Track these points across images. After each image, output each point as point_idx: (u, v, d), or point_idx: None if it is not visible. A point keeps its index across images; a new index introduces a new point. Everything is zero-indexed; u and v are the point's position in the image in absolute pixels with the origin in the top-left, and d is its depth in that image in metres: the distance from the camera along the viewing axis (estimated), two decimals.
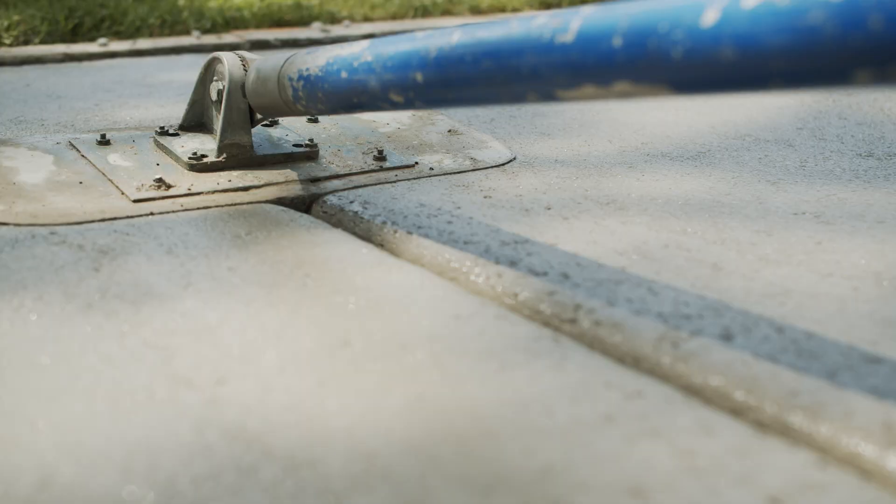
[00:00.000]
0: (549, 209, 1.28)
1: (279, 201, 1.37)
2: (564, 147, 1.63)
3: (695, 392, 0.83)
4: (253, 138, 1.51)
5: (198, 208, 1.31)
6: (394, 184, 1.44)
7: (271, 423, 0.76)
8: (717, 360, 0.86)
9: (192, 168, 1.44)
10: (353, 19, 3.49)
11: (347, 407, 0.79)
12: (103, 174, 1.43)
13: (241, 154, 1.47)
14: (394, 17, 3.62)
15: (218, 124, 1.47)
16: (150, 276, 1.05)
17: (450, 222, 1.21)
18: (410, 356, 0.87)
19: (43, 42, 2.77)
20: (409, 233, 1.18)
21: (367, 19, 3.52)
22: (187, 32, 3.07)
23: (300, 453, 0.72)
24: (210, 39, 2.95)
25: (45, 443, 0.73)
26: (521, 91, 0.92)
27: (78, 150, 1.56)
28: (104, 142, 1.57)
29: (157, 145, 1.56)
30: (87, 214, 1.27)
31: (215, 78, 1.52)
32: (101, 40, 2.76)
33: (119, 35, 2.92)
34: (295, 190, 1.41)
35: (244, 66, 1.45)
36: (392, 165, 1.52)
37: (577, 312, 0.97)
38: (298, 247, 1.14)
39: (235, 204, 1.33)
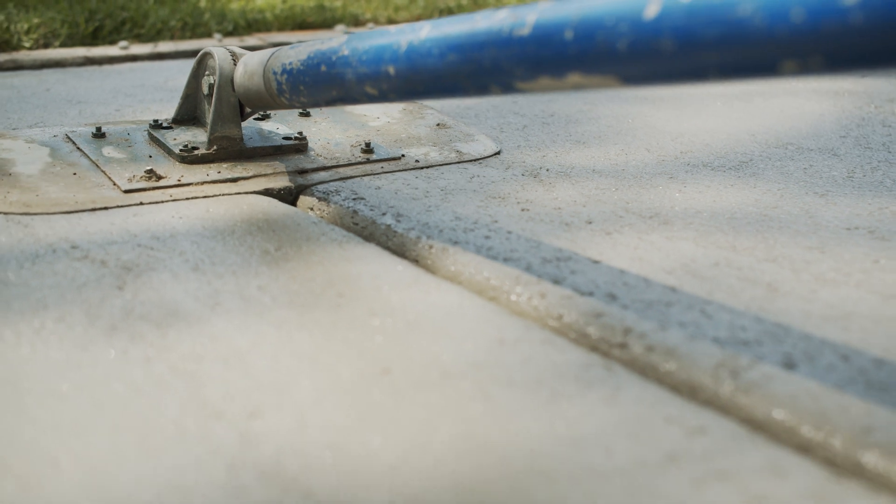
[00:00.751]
0: (590, 223, 1.23)
1: (266, 192, 1.41)
2: (601, 156, 1.57)
3: (759, 427, 0.77)
4: (244, 131, 1.56)
5: (186, 198, 1.34)
6: (379, 175, 1.49)
7: (310, 461, 0.71)
8: (781, 391, 0.80)
9: (183, 160, 1.48)
10: (376, 21, 3.44)
11: (391, 444, 0.73)
12: (97, 165, 1.47)
13: (231, 146, 1.51)
14: (418, 18, 3.57)
15: (209, 117, 1.51)
16: (175, 294, 1.00)
17: (487, 237, 1.16)
18: (455, 386, 0.82)
19: (63, 45, 2.73)
20: (446, 248, 1.13)
21: (391, 21, 3.47)
22: (209, 35, 3.02)
23: (342, 496, 0.67)
24: (232, 42, 2.90)
25: (69, 483, 0.68)
26: (485, 83, 0.96)
27: (74, 142, 1.59)
28: (99, 134, 1.61)
29: (150, 138, 1.60)
30: (79, 204, 1.31)
31: (207, 73, 1.56)
32: (122, 43, 2.71)
33: (140, 38, 2.88)
34: (282, 181, 1.45)
35: (234, 60, 1.49)
36: (379, 158, 1.56)
37: (628, 337, 0.91)
38: (330, 263, 1.09)
39: (224, 194, 1.37)
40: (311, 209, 1.38)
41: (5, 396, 0.79)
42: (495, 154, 1.63)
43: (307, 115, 1.82)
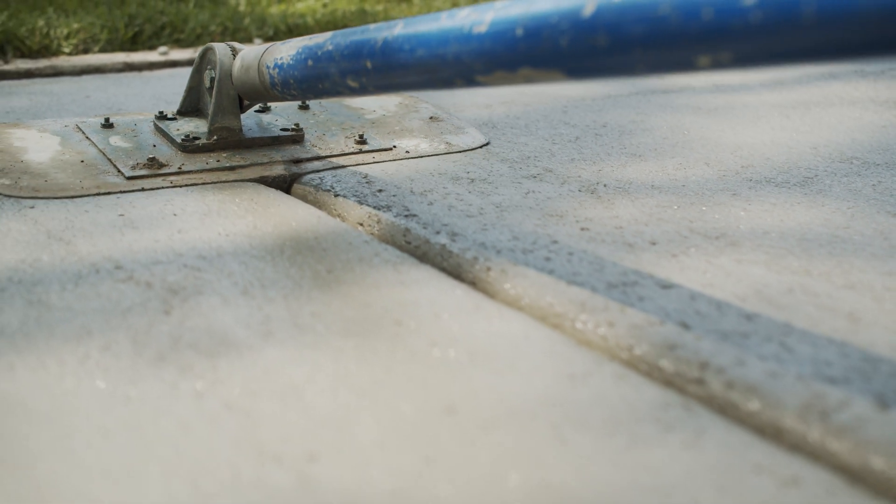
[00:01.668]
0: (654, 244, 1.17)
1: (262, 180, 1.51)
2: (659, 171, 1.52)
3: (856, 477, 0.72)
4: (244, 122, 1.67)
5: (185, 185, 1.44)
6: (370, 164, 1.59)
7: None
8: (877, 435, 0.74)
9: (185, 149, 1.58)
10: None
11: (460, 492, 0.68)
12: (104, 154, 1.56)
13: (230, 137, 1.60)
14: None
15: (210, 109, 1.60)
16: (225, 320, 0.95)
17: (548, 259, 1.11)
18: (525, 426, 0.77)
19: (102, 51, 2.70)
20: (505, 271, 1.08)
21: None
22: (249, 40, 2.99)
23: None
24: None
25: None
26: (450, 76, 1.03)
27: (83, 132, 1.69)
28: (108, 125, 1.71)
29: (155, 129, 1.70)
30: (85, 189, 1.40)
31: (209, 67, 1.64)
32: (162, 49, 2.68)
33: (179, 43, 2.85)
34: (277, 170, 1.54)
35: (233, 55, 1.57)
36: (371, 149, 1.66)
37: (705, 372, 0.86)
38: (386, 287, 1.04)
39: (221, 182, 1.46)
40: (305, 197, 1.46)
41: (51, 436, 0.75)
42: (483, 146, 1.72)
43: (306, 107, 1.90)
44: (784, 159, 1.59)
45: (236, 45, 1.60)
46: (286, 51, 1.37)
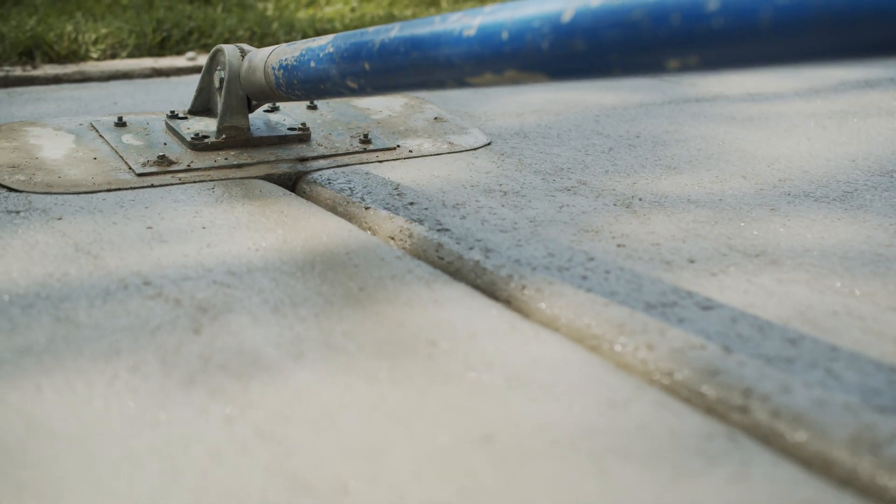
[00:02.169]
0: (692, 262, 1.14)
1: (268, 177, 1.55)
2: (695, 184, 1.49)
3: None
4: (253, 122, 1.72)
5: (193, 181, 1.49)
6: (374, 164, 1.63)
7: None
8: None
9: (194, 147, 1.62)
10: None
11: None
12: (116, 151, 1.61)
13: (238, 135, 1.64)
14: None
15: (219, 109, 1.65)
16: (256, 340, 0.93)
17: (584, 277, 1.08)
18: (565, 457, 0.74)
19: (130, 56, 2.69)
20: (540, 290, 1.05)
21: None
22: (277, 45, 2.97)
23: None
24: None
25: None
26: (441, 78, 1.08)
27: (97, 130, 1.74)
28: (121, 124, 1.76)
29: (167, 127, 1.75)
30: (96, 185, 1.45)
31: (218, 68, 1.68)
32: (189, 54, 2.67)
33: (207, 48, 2.84)
34: (283, 168, 1.59)
35: (242, 56, 1.62)
36: (375, 148, 1.70)
37: (749, 399, 0.83)
38: (419, 305, 1.01)
39: (228, 179, 1.51)
40: (305, 194, 1.53)
41: (77, 462, 0.73)
42: (485, 146, 1.76)
43: (314, 108, 1.95)
44: (822, 172, 1.56)
45: (245, 46, 1.64)
46: (290, 52, 1.41)
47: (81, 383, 0.84)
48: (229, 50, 1.63)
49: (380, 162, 1.64)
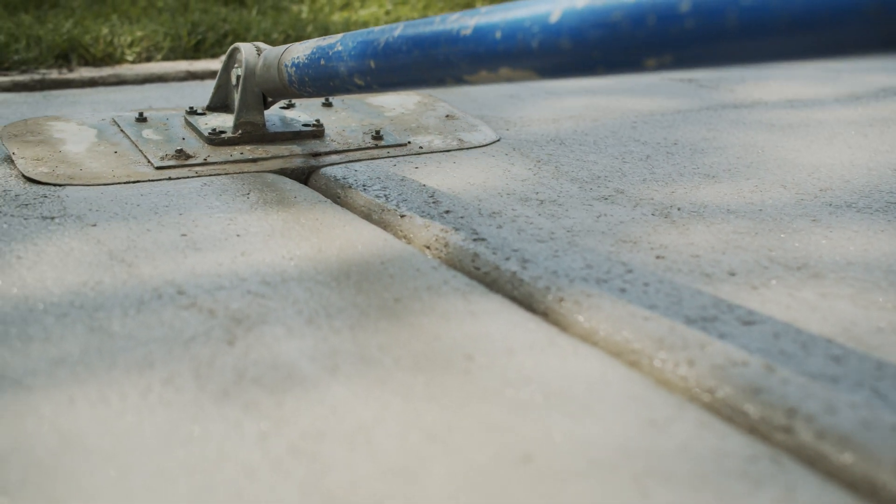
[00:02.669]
0: (732, 275, 1.12)
1: (281, 172, 1.61)
2: (734, 193, 1.47)
3: None
4: (268, 118, 1.78)
5: (209, 175, 1.55)
6: (389, 160, 1.69)
7: None
8: None
9: (211, 142, 1.68)
10: None
11: None
12: (136, 146, 1.68)
13: (254, 131, 1.70)
14: None
15: (235, 105, 1.70)
16: (290, 353, 0.92)
17: (623, 290, 1.07)
18: (606, 479, 0.73)
19: (165, 58, 2.69)
20: (578, 302, 1.04)
21: None
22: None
23: None
24: None
25: None
26: (441, 75, 1.13)
27: (118, 125, 1.81)
28: (141, 119, 1.82)
29: (185, 123, 1.81)
30: (116, 178, 1.52)
31: (235, 65, 1.74)
32: (224, 57, 2.67)
33: None
34: (296, 162, 1.65)
35: (258, 54, 1.67)
36: (387, 144, 1.76)
37: (793, 419, 0.81)
38: (455, 318, 1.00)
39: (243, 172, 1.58)
40: (322, 189, 1.57)
41: (109, 477, 0.72)
42: (494, 142, 1.83)
43: (329, 105, 2.01)
44: (864, 182, 1.54)
45: (261, 45, 1.70)
46: (302, 50, 1.47)
47: (115, 396, 0.84)
48: (246, 48, 1.68)
49: (390, 157, 1.70)
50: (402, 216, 1.35)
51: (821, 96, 2.33)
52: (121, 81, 2.43)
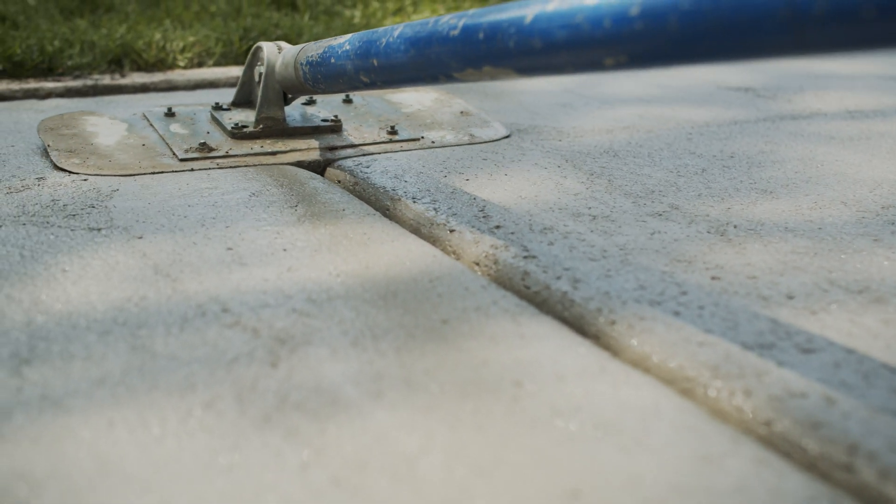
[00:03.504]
0: (791, 298, 1.09)
1: (298, 164, 1.71)
2: (792, 210, 1.43)
3: None
4: (289, 113, 1.88)
5: (230, 167, 1.66)
6: (397, 152, 1.79)
7: None
8: None
9: (234, 136, 1.78)
10: None
11: None
12: (163, 139, 1.78)
13: (274, 126, 1.80)
14: None
15: (257, 101, 1.79)
16: (334, 377, 0.90)
17: (677, 313, 1.04)
18: None
19: (217, 64, 2.68)
20: (631, 326, 1.01)
21: None
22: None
23: None
24: None
25: None
26: (435, 73, 1.21)
27: (148, 119, 1.91)
28: (170, 114, 1.92)
29: (211, 118, 1.90)
30: (142, 168, 1.63)
31: (258, 63, 1.83)
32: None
33: None
34: (313, 155, 1.75)
35: (279, 53, 1.76)
36: (400, 139, 1.85)
37: (854, 457, 0.78)
38: (504, 341, 0.98)
39: (262, 165, 1.68)
40: (339, 181, 1.65)
41: None
42: (504, 138, 1.92)
43: (350, 101, 2.10)
44: None
45: (283, 43, 1.79)
46: (315, 49, 1.56)
47: (155, 420, 0.82)
48: (268, 47, 1.78)
49: (403, 151, 1.79)
50: (452, 231, 1.33)
51: (882, 106, 2.28)
52: (172, 87, 2.42)
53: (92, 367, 0.91)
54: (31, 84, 2.34)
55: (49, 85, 2.34)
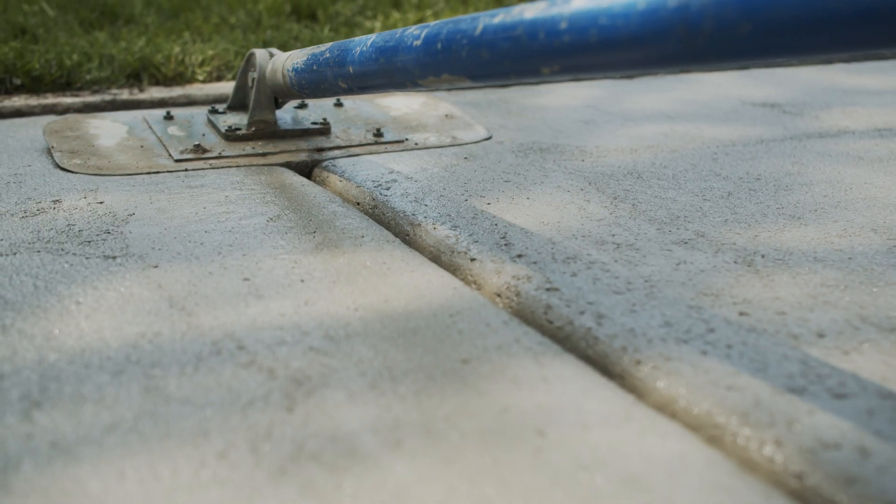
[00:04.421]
0: (821, 336, 1.06)
1: (287, 165, 1.82)
2: (821, 238, 1.39)
3: None
4: (281, 116, 1.98)
5: (223, 167, 1.76)
6: (381, 154, 1.91)
7: None
8: None
9: (227, 138, 1.89)
10: None
11: None
12: (160, 141, 1.89)
13: (266, 128, 1.90)
14: None
15: (250, 105, 1.89)
16: (352, 424, 0.87)
17: (704, 353, 1.01)
18: None
19: (234, 78, 2.66)
20: (657, 367, 0.98)
21: None
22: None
23: None
24: None
25: None
26: (402, 80, 1.30)
27: (147, 122, 2.02)
28: (169, 117, 2.03)
29: (207, 121, 2.01)
30: (139, 168, 1.74)
31: (251, 69, 1.92)
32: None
33: None
34: (301, 157, 1.86)
35: (270, 59, 1.84)
36: (385, 141, 1.96)
37: None
38: (527, 384, 0.95)
39: (252, 165, 1.79)
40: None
41: None
42: (485, 139, 2.03)
43: (340, 105, 2.20)
44: None
45: (274, 50, 1.88)
46: (300, 57, 1.66)
47: (167, 471, 0.80)
48: (260, 53, 1.88)
49: (387, 153, 1.90)
50: (473, 259, 1.30)
51: None
52: (190, 102, 2.41)
53: (104, 412, 0.89)
54: (49, 99, 2.33)
55: (67, 100, 2.32)
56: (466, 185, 1.68)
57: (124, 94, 2.41)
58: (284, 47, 2.85)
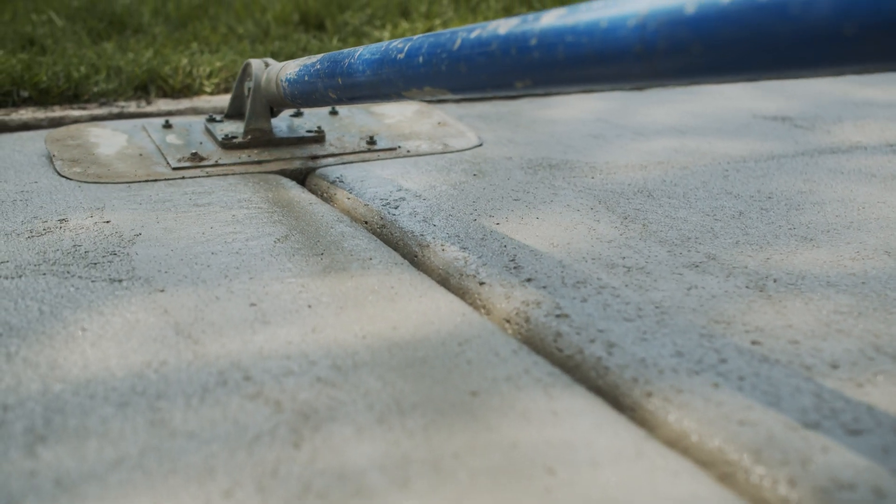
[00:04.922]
0: (835, 367, 1.04)
1: (282, 172, 1.88)
2: (833, 261, 1.38)
3: None
4: (277, 125, 2.05)
5: (219, 175, 1.82)
6: (373, 161, 1.95)
7: None
8: None
9: (224, 146, 1.94)
10: None
11: None
12: (159, 149, 1.94)
13: (262, 136, 1.96)
14: None
15: (246, 113, 1.95)
16: (359, 460, 0.86)
17: (716, 385, 0.99)
18: None
19: None
20: (668, 400, 0.97)
21: None
22: (288, 61, 2.93)
23: None
24: None
25: None
26: (387, 91, 1.34)
27: (147, 131, 2.08)
28: (167, 126, 2.09)
29: (205, 129, 2.08)
30: (137, 176, 1.79)
31: (248, 79, 1.98)
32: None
33: None
34: (296, 164, 1.92)
35: (265, 69, 1.90)
36: (378, 148, 2.01)
37: None
38: (536, 418, 0.94)
39: (248, 173, 1.83)
40: (315, 190, 1.79)
41: None
42: (476, 146, 2.10)
43: (335, 113, 2.26)
44: None
45: (270, 60, 1.94)
46: (293, 68, 1.72)
47: None
48: (256, 63, 1.94)
49: (380, 160, 1.95)
50: (482, 283, 1.29)
51: None
52: (198, 114, 2.40)
53: (108, 447, 0.88)
54: (57, 112, 2.32)
55: (75, 113, 2.32)
56: (475, 203, 1.67)
57: (132, 107, 2.40)
58: (292, 58, 2.84)
